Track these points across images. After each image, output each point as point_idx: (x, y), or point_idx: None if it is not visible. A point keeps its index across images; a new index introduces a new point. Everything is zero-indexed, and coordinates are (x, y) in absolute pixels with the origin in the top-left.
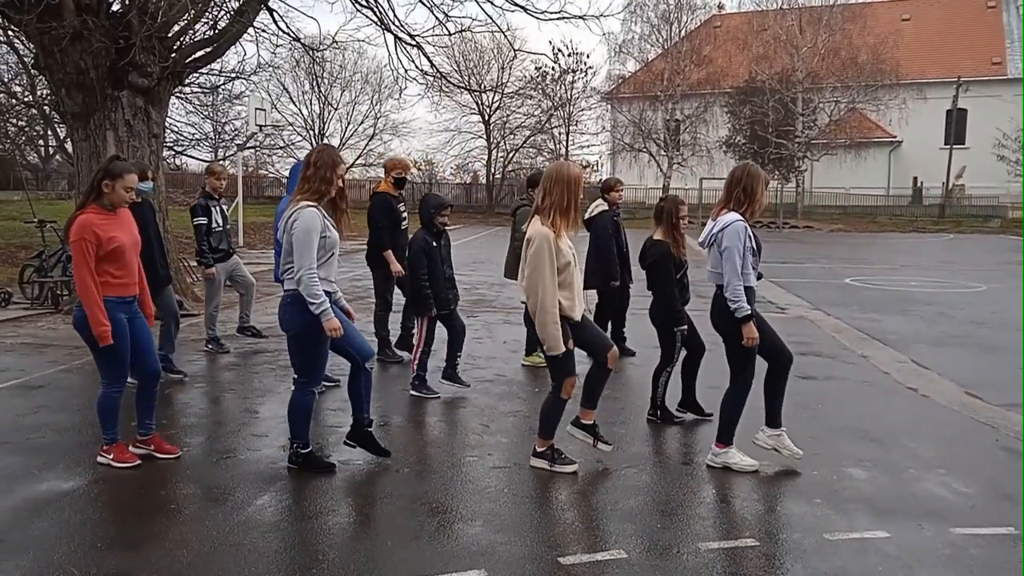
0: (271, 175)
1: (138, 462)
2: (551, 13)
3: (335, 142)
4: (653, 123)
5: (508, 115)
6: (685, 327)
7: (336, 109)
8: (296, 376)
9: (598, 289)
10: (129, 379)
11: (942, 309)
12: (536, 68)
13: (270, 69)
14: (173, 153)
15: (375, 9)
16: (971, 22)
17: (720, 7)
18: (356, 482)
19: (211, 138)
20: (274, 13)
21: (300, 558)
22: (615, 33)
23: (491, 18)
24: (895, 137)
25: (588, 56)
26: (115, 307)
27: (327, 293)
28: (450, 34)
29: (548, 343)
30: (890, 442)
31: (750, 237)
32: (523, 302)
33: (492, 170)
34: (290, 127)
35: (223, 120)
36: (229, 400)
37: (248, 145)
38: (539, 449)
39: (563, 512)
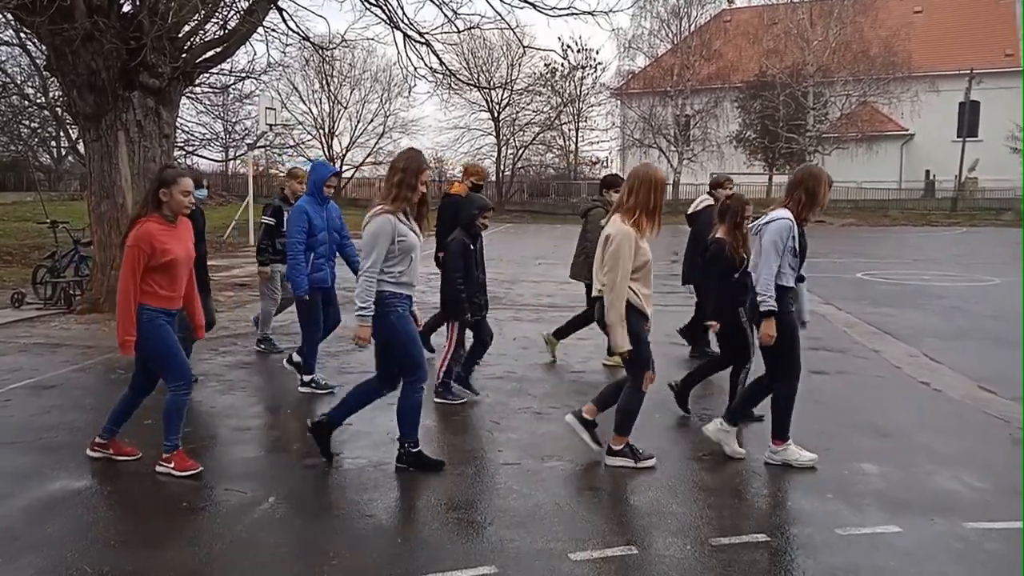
0: (282, 174)
1: (200, 469)
2: (560, 9)
3: (345, 141)
4: (663, 118)
5: (517, 112)
6: (716, 325)
7: (346, 108)
8: (403, 378)
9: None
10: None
11: (955, 303)
12: (545, 64)
13: (280, 68)
14: (184, 153)
15: (384, 7)
16: (984, 14)
17: (730, 1)
18: (366, 480)
19: (222, 138)
20: (283, 12)
21: (312, 556)
22: (624, 29)
23: (500, 15)
24: (907, 130)
25: (598, 52)
26: (157, 315)
27: (406, 296)
28: (459, 31)
29: (614, 340)
30: (902, 437)
31: (793, 237)
32: (596, 294)
33: (502, 167)
34: (300, 126)
35: (234, 120)
36: (242, 399)
37: (258, 144)
38: (616, 447)
39: (574, 508)
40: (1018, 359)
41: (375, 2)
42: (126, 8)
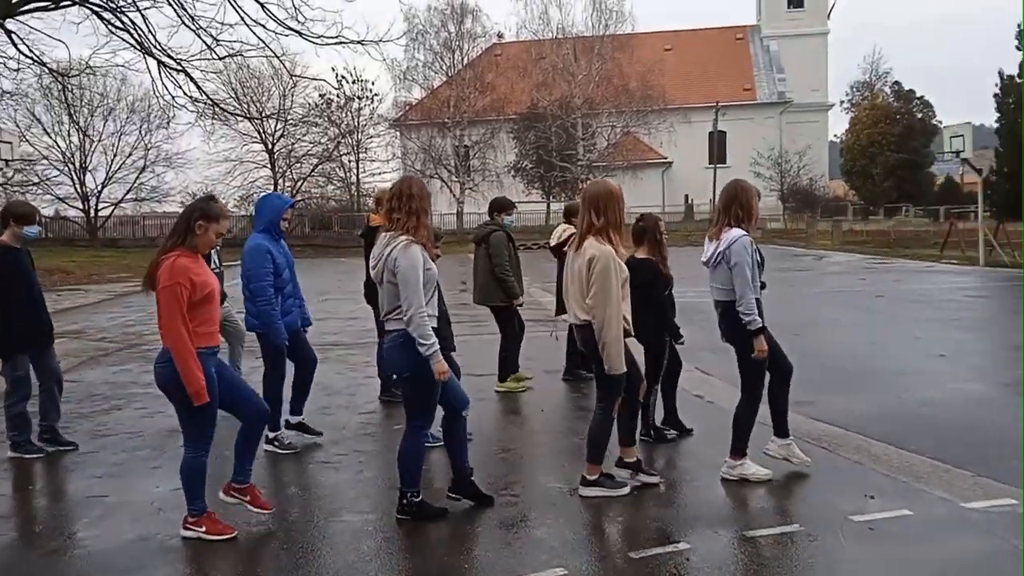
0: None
1: (235, 533)
2: (328, 38)
3: (100, 176)
4: (442, 149)
5: (293, 143)
6: (683, 339)
7: (99, 140)
8: (408, 420)
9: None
10: None
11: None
12: (320, 95)
13: (15, 97)
14: None
15: (133, 32)
16: (724, 52)
17: (500, 36)
18: (127, 560)
19: None
20: (12, 35)
21: None
22: (399, 60)
23: (264, 42)
24: (666, 158)
25: (373, 83)
26: (206, 359)
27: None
28: (220, 59)
29: (612, 362)
30: (682, 452)
31: (756, 250)
32: (575, 323)
33: None
34: (45, 161)
35: None
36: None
37: None
38: (590, 477)
39: (365, 565)
40: None
41: (122, 26)
42: None
